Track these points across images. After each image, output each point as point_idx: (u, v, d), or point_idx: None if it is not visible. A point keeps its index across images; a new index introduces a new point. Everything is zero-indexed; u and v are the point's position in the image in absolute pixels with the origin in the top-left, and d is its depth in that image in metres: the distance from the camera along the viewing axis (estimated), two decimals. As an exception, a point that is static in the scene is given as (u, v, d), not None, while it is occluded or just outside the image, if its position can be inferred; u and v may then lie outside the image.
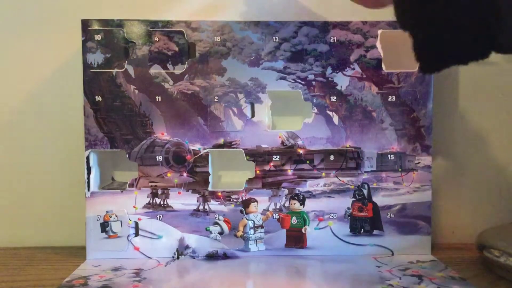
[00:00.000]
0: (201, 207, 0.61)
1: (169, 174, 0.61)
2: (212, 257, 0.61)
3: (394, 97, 0.62)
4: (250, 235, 0.61)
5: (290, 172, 0.62)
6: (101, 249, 0.60)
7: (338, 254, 0.62)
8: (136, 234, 0.60)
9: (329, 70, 0.61)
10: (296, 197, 0.62)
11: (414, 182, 0.62)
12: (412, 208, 0.62)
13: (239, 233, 0.61)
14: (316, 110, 0.62)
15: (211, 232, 0.61)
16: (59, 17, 0.66)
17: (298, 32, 0.61)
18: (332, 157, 0.62)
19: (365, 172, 0.62)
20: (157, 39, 0.60)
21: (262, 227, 0.62)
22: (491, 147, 0.70)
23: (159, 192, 0.61)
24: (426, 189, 0.62)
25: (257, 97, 0.61)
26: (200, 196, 0.61)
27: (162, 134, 0.61)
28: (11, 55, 0.67)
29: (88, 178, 0.61)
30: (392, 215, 0.62)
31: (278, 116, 0.64)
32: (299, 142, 0.62)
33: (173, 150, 0.61)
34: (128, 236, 0.60)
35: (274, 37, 0.60)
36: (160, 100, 0.61)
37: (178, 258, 0.60)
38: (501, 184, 0.70)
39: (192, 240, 0.61)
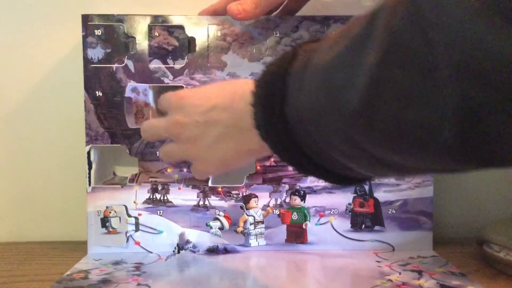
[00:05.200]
0: (201, 203, 0.61)
1: (169, 170, 0.61)
2: (212, 251, 0.61)
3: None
4: (251, 231, 0.61)
5: (291, 167, 0.61)
6: (102, 244, 0.60)
7: (338, 249, 0.61)
8: (136, 230, 0.61)
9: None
10: (296, 193, 0.62)
11: (416, 177, 0.62)
12: (413, 203, 0.62)
13: (240, 229, 0.61)
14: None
15: (211, 228, 0.61)
16: (59, 12, 0.66)
17: (298, 27, 0.60)
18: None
19: (366, 167, 0.62)
20: (157, 34, 0.60)
21: (262, 222, 0.62)
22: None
23: (159, 187, 0.61)
24: (428, 184, 0.62)
25: (257, 92, 0.61)
26: (200, 192, 0.61)
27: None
28: (11, 51, 0.67)
29: (89, 173, 0.61)
30: (394, 211, 0.62)
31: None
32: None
33: (174, 145, 0.61)
34: (127, 232, 0.60)
35: (274, 32, 0.60)
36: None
37: (178, 252, 0.60)
38: (502, 180, 0.70)
39: (192, 235, 0.61)
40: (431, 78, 0.25)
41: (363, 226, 0.62)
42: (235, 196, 0.62)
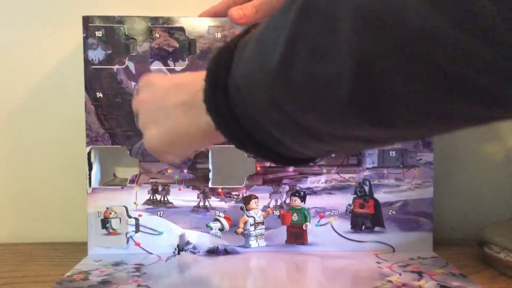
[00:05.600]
0: (201, 204, 0.61)
1: (169, 171, 0.61)
2: (212, 252, 0.61)
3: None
4: (251, 232, 0.61)
5: (291, 168, 0.62)
6: (102, 245, 0.60)
7: (338, 250, 0.61)
8: (137, 231, 0.61)
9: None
10: (297, 194, 0.62)
11: (416, 178, 0.62)
12: (413, 204, 0.62)
13: (240, 230, 0.61)
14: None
15: (211, 229, 0.61)
16: (59, 14, 0.67)
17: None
18: (333, 154, 0.61)
19: (367, 168, 0.62)
20: (158, 36, 0.60)
21: (262, 223, 0.62)
22: (492, 144, 0.70)
23: (160, 188, 0.61)
24: (428, 185, 0.62)
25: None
26: (200, 193, 0.61)
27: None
28: (12, 52, 0.67)
29: (90, 174, 0.61)
30: (394, 212, 0.62)
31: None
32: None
33: (174, 146, 0.61)
34: (127, 233, 0.61)
35: (274, 33, 0.60)
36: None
37: (179, 253, 0.60)
38: (502, 180, 0.70)
39: (193, 236, 0.61)
40: (335, 31, 0.25)
41: (363, 227, 0.62)
42: (235, 197, 0.62)
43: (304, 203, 0.62)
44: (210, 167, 0.62)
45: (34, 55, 0.67)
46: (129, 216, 0.61)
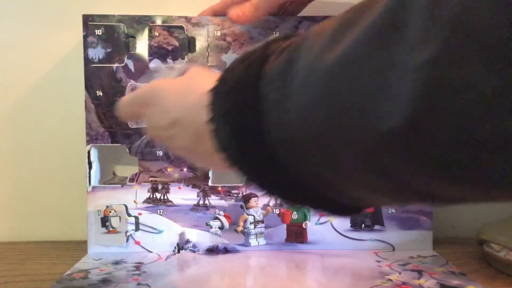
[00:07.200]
0: (201, 202, 0.61)
1: (169, 169, 0.61)
2: (212, 251, 0.61)
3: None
4: (251, 230, 0.61)
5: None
6: (102, 243, 0.60)
7: (338, 249, 0.61)
8: (137, 229, 0.61)
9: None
10: (296, 192, 0.62)
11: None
12: (413, 203, 0.62)
13: (240, 228, 0.61)
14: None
15: (211, 227, 0.61)
16: (59, 12, 0.66)
17: (298, 27, 0.60)
18: None
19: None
20: (157, 34, 0.60)
21: (262, 222, 0.62)
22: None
23: (159, 187, 0.61)
24: (428, 184, 0.62)
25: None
26: (200, 191, 0.61)
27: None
28: (12, 50, 0.67)
29: (90, 173, 0.61)
30: (393, 210, 0.62)
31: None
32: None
33: (174, 145, 0.61)
34: (127, 232, 0.61)
35: (274, 32, 0.60)
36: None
37: (178, 252, 0.60)
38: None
39: (192, 234, 0.61)
40: None
41: (363, 225, 0.62)
42: (235, 195, 0.62)
43: (304, 201, 0.62)
44: (210, 165, 0.62)
45: (34, 53, 0.67)
46: (129, 215, 0.61)
